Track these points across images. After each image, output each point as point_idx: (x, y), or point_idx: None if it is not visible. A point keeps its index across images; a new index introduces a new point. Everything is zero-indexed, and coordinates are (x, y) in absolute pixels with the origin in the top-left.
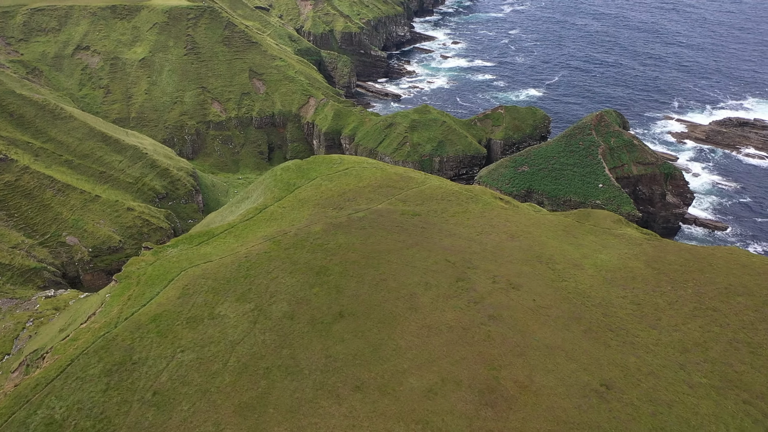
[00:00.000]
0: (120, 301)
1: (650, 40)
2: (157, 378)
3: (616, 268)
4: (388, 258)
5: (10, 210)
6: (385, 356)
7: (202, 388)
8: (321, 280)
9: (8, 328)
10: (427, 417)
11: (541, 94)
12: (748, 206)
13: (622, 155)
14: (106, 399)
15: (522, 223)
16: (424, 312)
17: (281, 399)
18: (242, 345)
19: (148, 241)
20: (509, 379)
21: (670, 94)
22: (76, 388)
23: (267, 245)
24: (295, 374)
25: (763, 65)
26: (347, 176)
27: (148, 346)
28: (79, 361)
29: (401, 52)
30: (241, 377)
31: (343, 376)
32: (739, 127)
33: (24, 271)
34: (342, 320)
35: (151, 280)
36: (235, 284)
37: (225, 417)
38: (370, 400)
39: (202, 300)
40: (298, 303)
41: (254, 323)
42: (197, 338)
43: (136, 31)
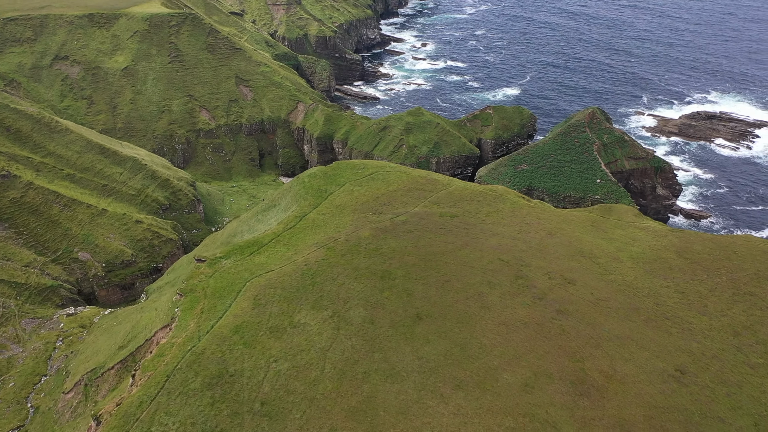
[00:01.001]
0: (193, 315)
1: (614, 36)
2: (260, 388)
3: (652, 260)
4: (444, 259)
5: (19, 228)
6: (473, 354)
7: (307, 396)
8: (388, 284)
9: (38, 348)
10: (530, 410)
11: (518, 93)
12: (727, 195)
13: (615, 151)
14: (216, 412)
15: (553, 220)
16: (496, 310)
17: (388, 401)
18: (333, 351)
19: (200, 256)
20: (594, 370)
21: (638, 90)
22: (182, 403)
23: (323, 252)
24: (393, 377)
25: (722, 60)
26: (375, 181)
27: (240, 357)
28: (176, 377)
29: (372, 54)
30: (342, 383)
31: (441, 375)
32: (708, 120)
33: (41, 290)
34: (421, 322)
35: (218, 293)
36: (305, 292)
37: (338, 422)
38: (473, 398)
39: (278, 309)
40: (373, 307)
41: (337, 329)
42: (285, 347)
43: (116, 40)
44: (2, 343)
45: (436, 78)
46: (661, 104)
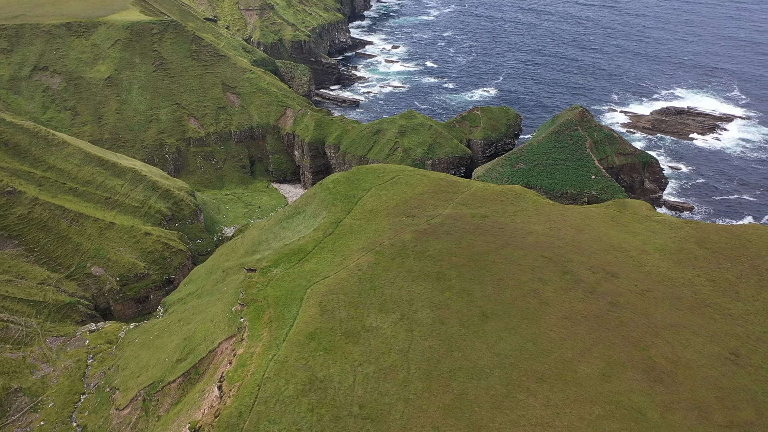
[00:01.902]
0: (262, 324)
1: (578, 35)
2: (353, 392)
3: (676, 251)
4: (490, 259)
5: (29, 244)
6: (546, 348)
7: (401, 397)
8: (445, 285)
9: (69, 367)
10: (614, 398)
11: (494, 94)
12: (704, 186)
13: (606, 147)
14: (318, 418)
15: (576, 217)
16: (554, 305)
17: (479, 398)
18: (413, 352)
19: (250, 266)
20: (660, 357)
21: (608, 87)
22: (281, 411)
23: (372, 257)
24: (478, 374)
25: (684, 57)
26: (399, 185)
27: (324, 363)
28: (267, 386)
29: (344, 57)
30: (430, 382)
31: (521, 370)
32: (678, 116)
33: (60, 307)
34: (488, 320)
35: (281, 301)
36: (368, 297)
37: (438, 420)
38: (557, 389)
39: (347, 314)
40: (439, 308)
41: (411, 331)
42: (365, 351)
43: (96, 49)
44: (32, 363)
45: (412, 80)
46: (631, 101)
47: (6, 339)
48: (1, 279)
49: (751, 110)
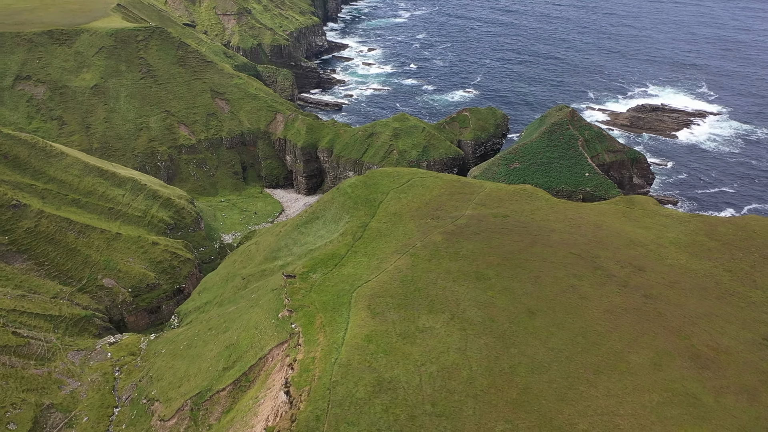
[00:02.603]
0: (315, 329)
1: (551, 34)
2: (422, 391)
3: (689, 243)
4: (523, 257)
5: (39, 258)
6: (596, 341)
7: (469, 393)
8: (486, 284)
9: (96, 380)
10: (669, 385)
11: (473, 94)
12: (686, 181)
13: (596, 145)
14: (394, 418)
15: (591, 214)
16: (593, 300)
17: (544, 391)
18: (470, 351)
19: (288, 272)
20: (702, 345)
21: (584, 86)
22: (357, 412)
23: (408, 259)
24: (537, 368)
25: (654, 55)
26: (416, 187)
27: (387, 365)
28: (337, 389)
29: (322, 61)
30: (494, 378)
31: (577, 363)
32: (653, 112)
33: (76, 321)
34: (535, 317)
35: (329, 306)
36: (414, 298)
37: (508, 414)
38: (615, 379)
39: (398, 316)
40: (486, 307)
41: (464, 330)
42: (424, 351)
43: (80, 57)
44: (59, 378)
45: (391, 82)
46: (607, 99)
47: (29, 355)
48: (15, 294)
49: (720, 105)
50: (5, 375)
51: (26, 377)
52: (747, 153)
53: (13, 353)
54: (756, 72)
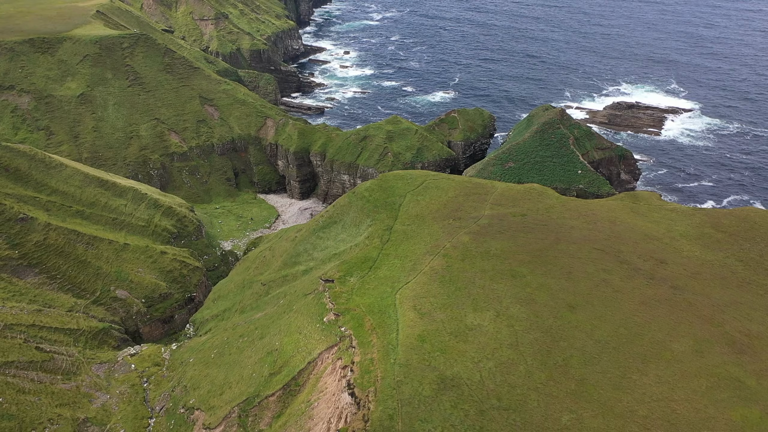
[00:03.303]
0: (366, 332)
1: (523, 34)
2: (484, 386)
3: (698, 236)
4: (551, 254)
5: (50, 271)
6: (638, 332)
7: (530, 387)
8: (522, 281)
9: (125, 392)
10: (713, 371)
11: (454, 95)
12: (666, 175)
13: (586, 143)
14: (464, 413)
15: (602, 210)
16: (626, 293)
17: (599, 381)
18: (522, 346)
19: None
20: (735, 331)
21: (560, 85)
22: (428, 410)
23: (442, 260)
24: (588, 360)
25: (624, 53)
26: (430, 189)
27: (446, 363)
28: (403, 389)
29: (299, 65)
30: (550, 371)
31: (624, 353)
32: (629, 110)
33: (95, 333)
34: (576, 311)
35: (374, 308)
36: (456, 298)
37: (571, 404)
38: (663, 367)
39: (444, 316)
40: (527, 303)
41: (511, 326)
42: (478, 348)
43: (63, 66)
44: (87, 392)
45: (371, 85)
46: (583, 97)
47: (54, 370)
48: (31, 309)
49: (691, 101)
50: (36, 391)
51: (56, 392)
52: (720, 147)
53: (40, 368)
54: (721, 67)
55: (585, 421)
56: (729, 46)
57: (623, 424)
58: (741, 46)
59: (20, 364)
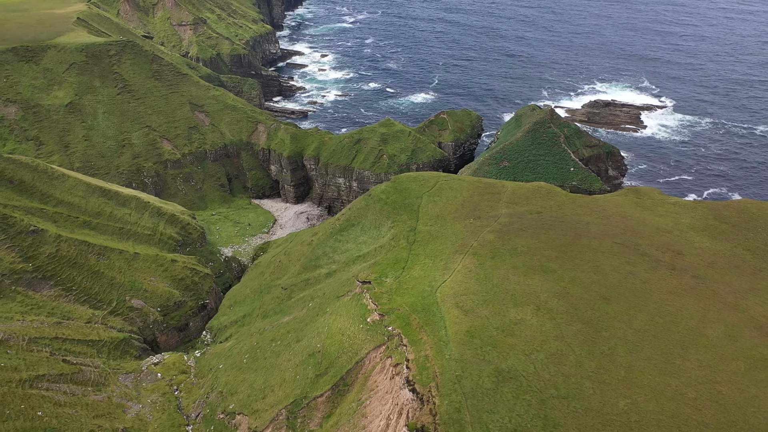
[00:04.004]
0: (414, 330)
1: (496, 34)
2: (540, 377)
3: (704, 228)
4: (575, 249)
5: (65, 283)
6: (672, 320)
7: (583, 375)
8: (554, 276)
9: (157, 401)
10: (748, 353)
11: (435, 95)
12: (648, 170)
13: (575, 141)
14: (527, 403)
15: (611, 206)
16: (653, 283)
17: (646, 368)
18: (568, 337)
19: (363, 278)
20: (759, 316)
21: (536, 84)
22: (492, 401)
23: (473, 258)
24: (632, 348)
25: (597, 52)
26: (445, 190)
27: (500, 356)
28: (464, 383)
29: (276, 68)
30: (599, 360)
31: (664, 340)
32: (606, 108)
33: (117, 344)
34: (611, 302)
35: (418, 307)
36: (494, 293)
37: (624, 391)
38: (702, 352)
39: (487, 311)
40: (563, 297)
41: (553, 319)
42: (527, 341)
43: (49, 74)
44: (120, 402)
45: (351, 88)
46: (561, 96)
47: (84, 382)
48: (51, 322)
49: (662, 99)
50: (71, 403)
51: (90, 404)
52: (695, 141)
53: (70, 381)
54: (688, 63)
55: (640, 405)
56: (694, 43)
57: (676, 407)
58: (705, 43)
59: (51, 377)
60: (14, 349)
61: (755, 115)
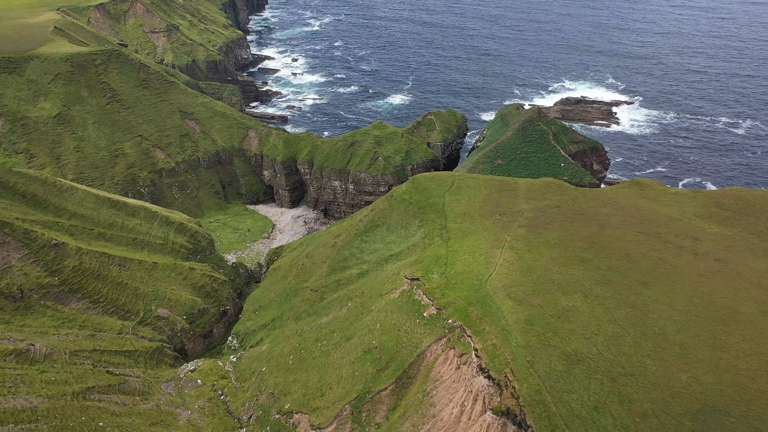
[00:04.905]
0: (474, 321)
1: (462, 35)
2: (605, 358)
3: (709, 215)
4: (604, 240)
5: (92, 296)
6: (710, 300)
7: (642, 354)
8: (591, 265)
9: (205, 406)
10: None
11: (411, 97)
12: (624, 164)
13: (562, 138)
14: (600, 382)
15: (621, 198)
16: (683, 267)
17: (698, 344)
18: (620, 321)
19: (410, 276)
20: None
21: (508, 84)
22: (568, 382)
23: (510, 252)
24: (681, 327)
25: (563, 50)
26: (464, 189)
27: (562, 340)
28: (537, 367)
29: (249, 73)
30: (653, 340)
31: (706, 319)
32: (578, 105)
33: (151, 353)
34: (649, 287)
35: (472, 299)
36: (541, 284)
37: (683, 366)
38: (742, 328)
39: (539, 300)
40: (605, 284)
41: (602, 305)
42: (583, 326)
43: (34, 85)
44: (168, 410)
45: (327, 91)
46: (532, 95)
47: (131, 392)
48: (85, 334)
49: (629, 95)
50: (126, 413)
51: (142, 413)
52: (665, 135)
53: (118, 391)
54: (650, 58)
55: (700, 378)
56: (654, 38)
57: (733, 378)
58: (665, 38)
59: (100, 388)
60: (59, 363)
61: (715, 107)
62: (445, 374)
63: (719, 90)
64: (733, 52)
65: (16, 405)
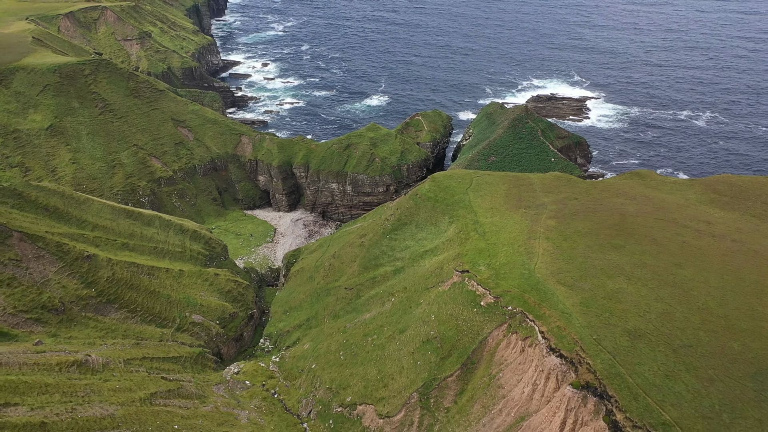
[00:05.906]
0: (533, 307)
1: (428, 34)
2: (660, 332)
3: (710, 201)
4: (629, 227)
5: (129, 305)
6: (738, 276)
7: (693, 327)
8: (626, 251)
9: (261, 406)
10: None
11: (387, 98)
12: (600, 157)
13: (549, 134)
14: (664, 354)
15: (628, 188)
16: (706, 249)
17: (739, 316)
18: (667, 299)
19: (460, 268)
20: None
21: (479, 82)
22: (636, 355)
23: (547, 242)
24: (720, 302)
25: (530, 51)
26: (484, 185)
27: (620, 319)
28: (604, 344)
29: (221, 79)
30: (699, 315)
31: (741, 293)
32: (549, 102)
33: (195, 359)
34: (683, 267)
35: (526, 287)
36: (584, 269)
37: (731, 336)
38: None
39: (588, 284)
40: (643, 267)
41: (646, 285)
42: (635, 305)
43: (22, 97)
44: (227, 411)
45: (303, 95)
46: (504, 93)
47: (189, 396)
48: (130, 343)
49: (595, 91)
50: (191, 416)
51: (206, 415)
52: (633, 128)
53: (178, 395)
54: (610, 52)
55: (750, 345)
56: (611, 33)
57: None
58: (622, 33)
59: (162, 393)
60: (118, 372)
61: (677, 98)
62: (510, 357)
63: (678, 81)
64: (687, 45)
65: (95, 413)
